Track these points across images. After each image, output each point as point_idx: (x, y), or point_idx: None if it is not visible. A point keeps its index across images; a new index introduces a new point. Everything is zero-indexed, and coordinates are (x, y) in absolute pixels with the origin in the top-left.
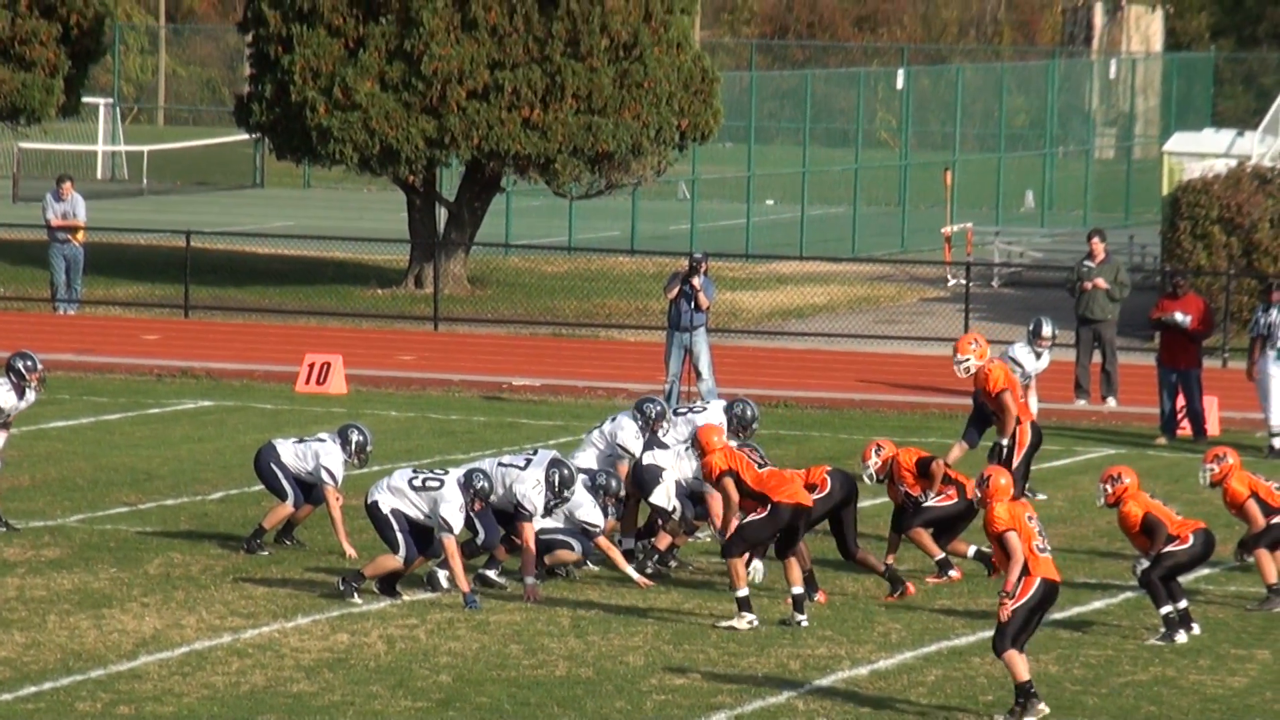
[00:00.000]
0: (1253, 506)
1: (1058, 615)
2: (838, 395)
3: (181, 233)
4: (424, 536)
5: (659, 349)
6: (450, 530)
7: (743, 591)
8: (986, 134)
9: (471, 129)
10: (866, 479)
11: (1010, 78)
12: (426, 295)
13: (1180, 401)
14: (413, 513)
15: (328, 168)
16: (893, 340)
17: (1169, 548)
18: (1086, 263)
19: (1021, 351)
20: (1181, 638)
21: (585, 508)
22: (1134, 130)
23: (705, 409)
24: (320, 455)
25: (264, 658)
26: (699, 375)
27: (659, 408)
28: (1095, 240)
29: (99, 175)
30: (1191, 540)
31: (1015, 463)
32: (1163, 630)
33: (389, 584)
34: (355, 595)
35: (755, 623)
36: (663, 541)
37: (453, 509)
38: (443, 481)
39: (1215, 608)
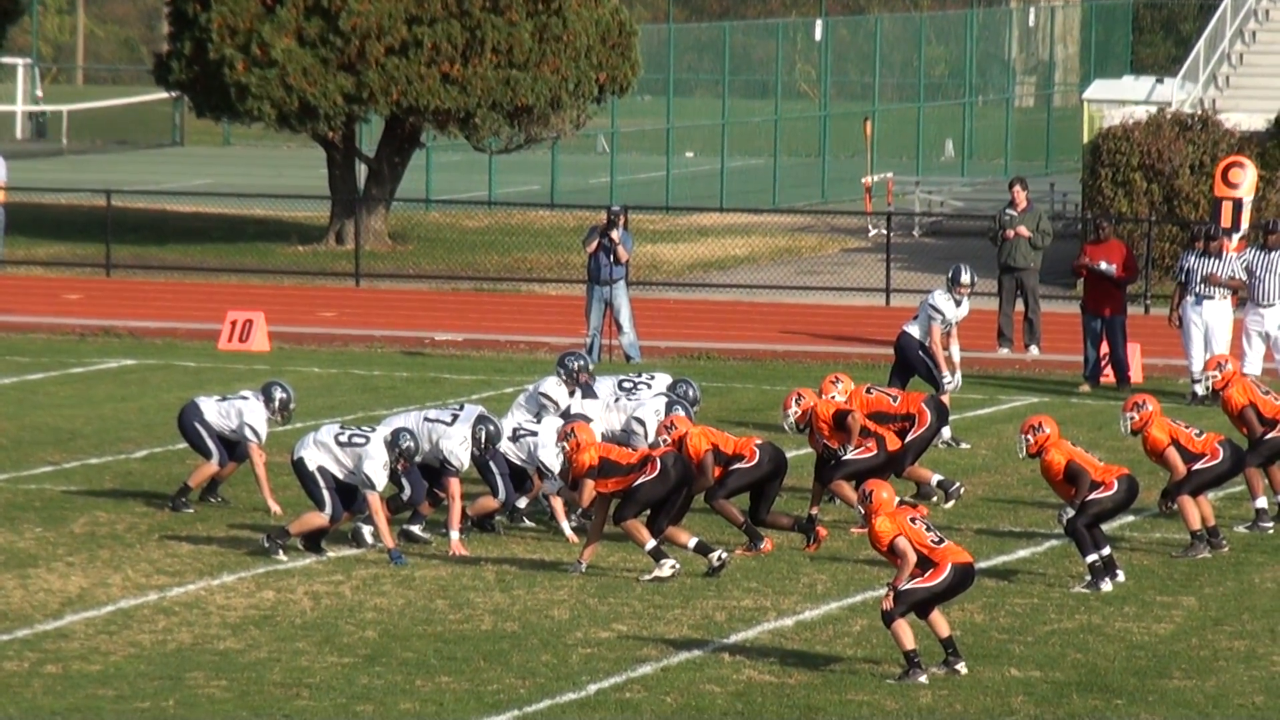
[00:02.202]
0: (1173, 454)
1: (984, 564)
2: (760, 346)
3: (102, 192)
4: (349, 493)
5: (580, 303)
6: (374, 487)
7: (650, 544)
8: (906, 84)
9: (390, 84)
10: (787, 428)
11: (929, 27)
12: (348, 252)
13: (1104, 349)
14: (338, 469)
15: (247, 125)
16: (814, 291)
17: (1093, 495)
18: (1008, 211)
19: (941, 299)
20: (1106, 585)
21: (548, 450)
22: (1054, 78)
23: (652, 382)
24: (243, 413)
25: (190, 615)
26: (620, 328)
27: (580, 361)
28: (1017, 188)
29: (18, 135)
30: (1116, 486)
31: (911, 437)
32: (1088, 578)
33: (314, 541)
34: (281, 552)
35: (677, 565)
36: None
37: (377, 466)
38: (368, 438)
39: (1140, 554)
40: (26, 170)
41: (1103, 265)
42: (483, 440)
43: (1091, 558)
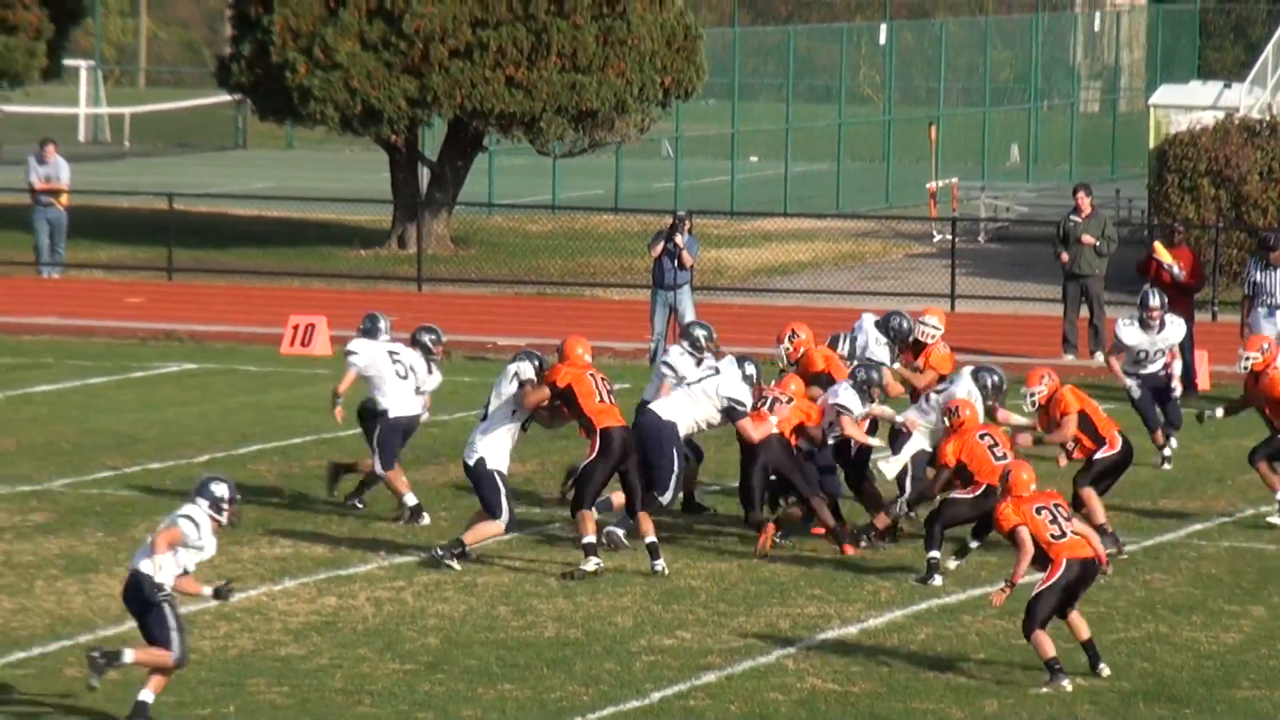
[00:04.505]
0: (1071, 422)
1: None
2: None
3: (164, 195)
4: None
5: (644, 307)
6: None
7: (589, 538)
8: (971, 88)
9: (454, 88)
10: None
11: (994, 31)
12: (410, 255)
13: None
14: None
15: (310, 128)
16: (879, 297)
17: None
18: (1073, 217)
19: (1127, 331)
20: None
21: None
22: (1119, 83)
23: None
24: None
25: (251, 621)
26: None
27: (705, 330)
28: (1081, 195)
29: (81, 138)
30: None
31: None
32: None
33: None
34: (454, 563)
35: (601, 564)
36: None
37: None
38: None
39: (1209, 563)
40: (88, 173)
41: (1175, 270)
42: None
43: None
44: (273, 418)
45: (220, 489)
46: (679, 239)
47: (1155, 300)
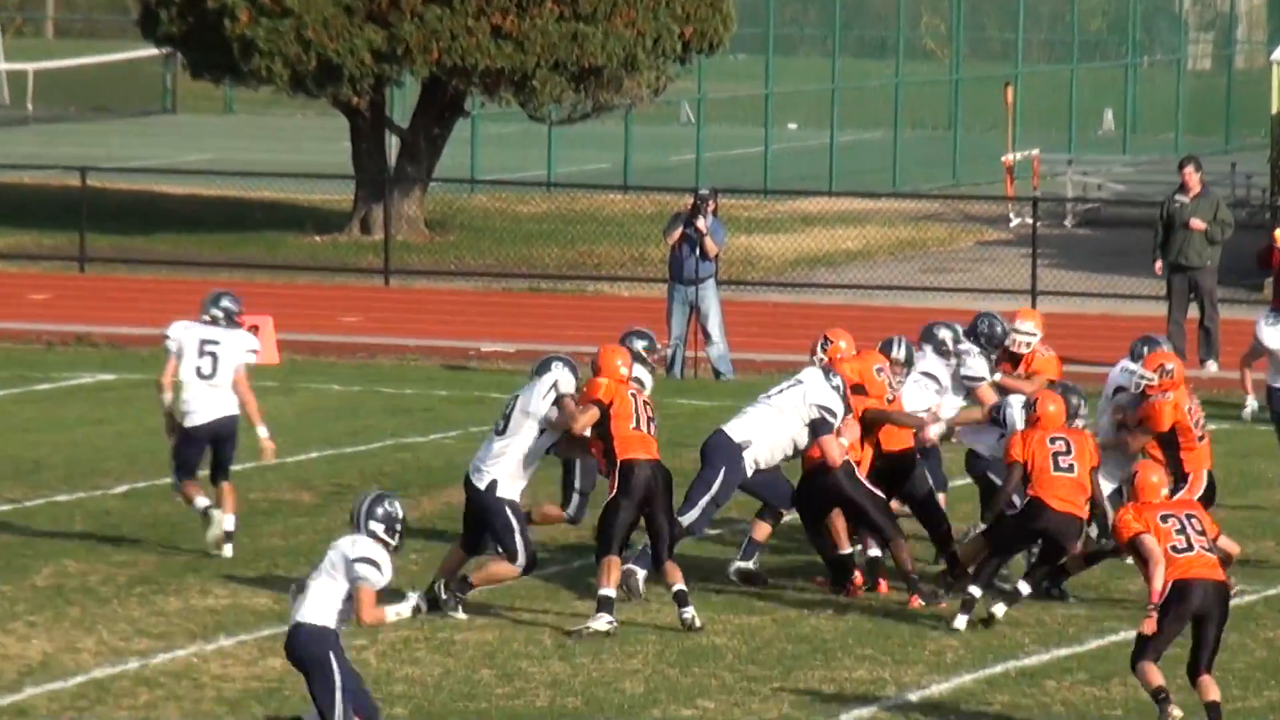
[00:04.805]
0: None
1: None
2: None
3: (76, 169)
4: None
5: (659, 306)
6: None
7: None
8: (1056, 41)
9: (430, 40)
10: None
11: None
12: (375, 243)
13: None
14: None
15: (254, 89)
16: (944, 293)
17: None
18: (1178, 197)
19: (1271, 332)
20: None
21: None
22: (1235, 34)
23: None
24: None
25: (178, 688)
26: (708, 337)
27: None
28: (1189, 169)
29: None
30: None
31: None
32: None
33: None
34: (459, 610)
35: (614, 623)
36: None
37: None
38: None
39: None
40: None
41: None
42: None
43: None
44: None
45: (394, 506)
46: (701, 223)
47: None
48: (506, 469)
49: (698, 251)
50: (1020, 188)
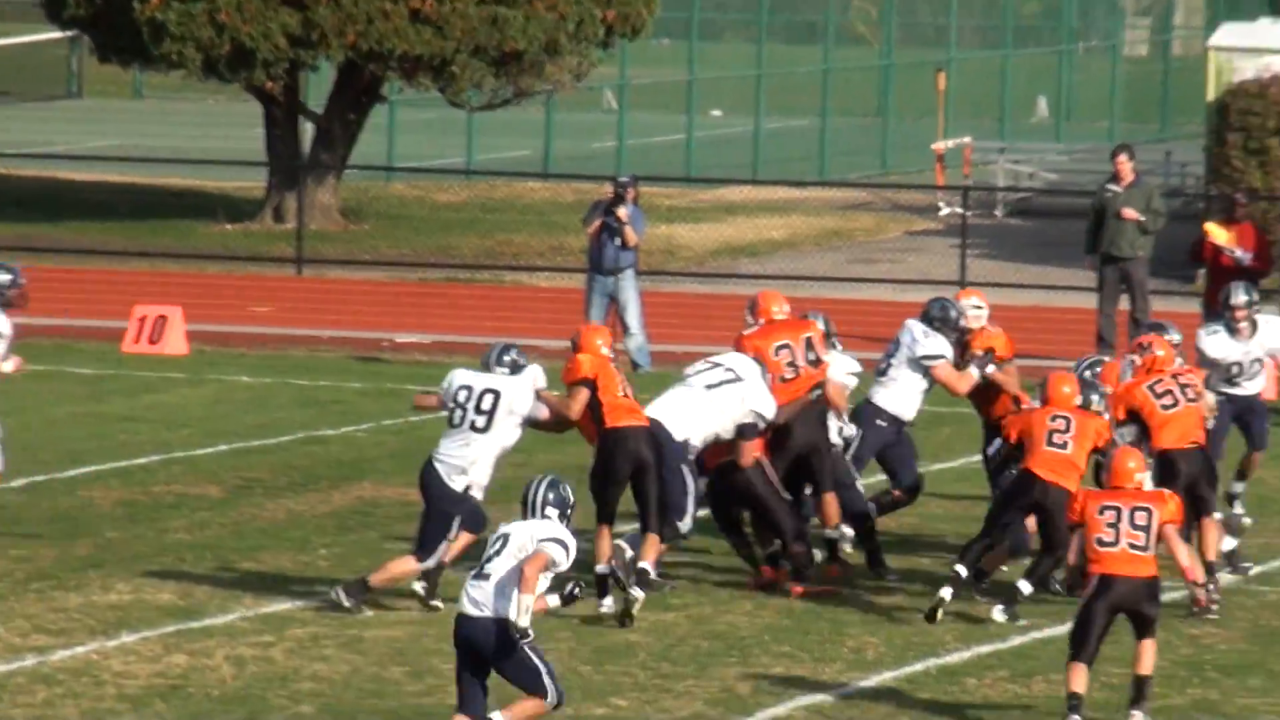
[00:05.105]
0: None
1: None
2: None
3: None
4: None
5: (577, 296)
6: None
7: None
8: (989, 26)
9: (346, 24)
10: None
11: None
12: (288, 232)
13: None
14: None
15: (164, 73)
16: (871, 284)
17: None
18: (1111, 186)
19: (1212, 341)
20: None
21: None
22: (1172, 21)
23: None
24: None
25: (78, 685)
26: (626, 329)
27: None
28: (1122, 158)
29: None
30: None
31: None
32: None
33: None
34: (363, 608)
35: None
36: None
37: None
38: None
39: (1270, 613)
40: None
41: (1237, 253)
42: None
43: None
44: (111, 432)
45: (566, 491)
46: (622, 212)
47: (1241, 296)
48: (486, 469)
49: (618, 241)
50: (951, 176)
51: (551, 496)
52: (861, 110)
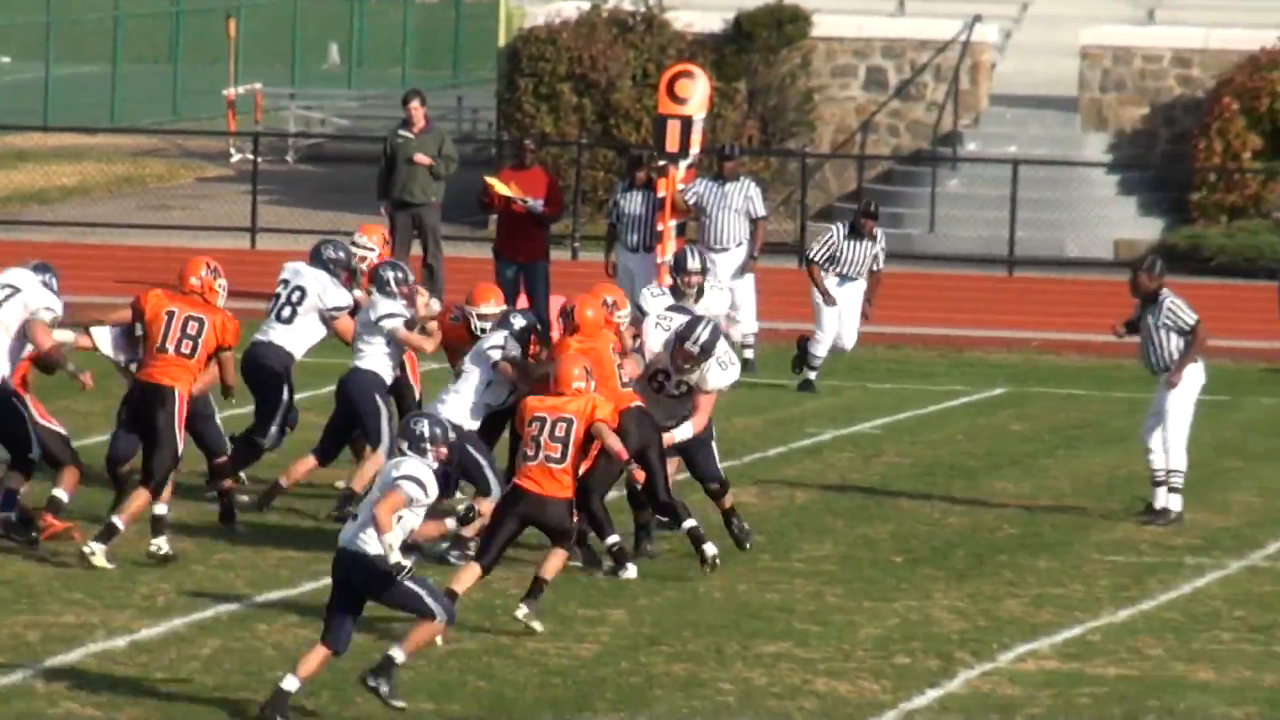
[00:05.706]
0: None
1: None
2: (93, 300)
3: None
4: None
5: None
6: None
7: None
8: None
9: None
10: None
11: None
12: None
13: (522, 301)
14: None
15: None
16: (163, 230)
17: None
18: (403, 132)
19: (655, 304)
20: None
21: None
22: None
23: None
24: None
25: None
26: None
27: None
28: (414, 104)
29: None
30: None
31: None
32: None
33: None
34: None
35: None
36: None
37: None
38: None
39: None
40: None
41: (529, 201)
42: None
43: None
44: None
45: (420, 425)
46: None
47: (695, 262)
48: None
49: None
50: (242, 123)
51: (403, 432)
52: (153, 57)
